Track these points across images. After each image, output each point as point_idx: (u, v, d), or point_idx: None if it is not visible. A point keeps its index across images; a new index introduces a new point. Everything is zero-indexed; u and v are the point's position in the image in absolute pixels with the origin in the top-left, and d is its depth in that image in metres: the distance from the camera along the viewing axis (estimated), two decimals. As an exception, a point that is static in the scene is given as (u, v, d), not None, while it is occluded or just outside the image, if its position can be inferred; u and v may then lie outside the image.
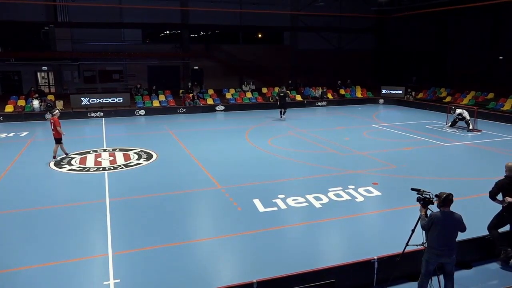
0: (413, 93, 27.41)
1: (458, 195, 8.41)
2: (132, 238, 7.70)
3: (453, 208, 5.45)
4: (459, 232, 5.46)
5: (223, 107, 24.94)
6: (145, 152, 14.19)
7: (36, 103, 22.34)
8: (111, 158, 13.59)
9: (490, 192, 6.60)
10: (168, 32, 32.69)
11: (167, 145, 15.45)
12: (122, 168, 12.45)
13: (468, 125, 17.92)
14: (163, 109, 24.04)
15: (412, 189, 5.80)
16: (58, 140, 13.25)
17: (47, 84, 29.82)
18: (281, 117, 21.67)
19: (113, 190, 10.37)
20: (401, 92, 27.82)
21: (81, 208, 9.23)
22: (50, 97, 23.90)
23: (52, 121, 13.13)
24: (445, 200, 5.33)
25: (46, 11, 27.37)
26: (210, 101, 25.63)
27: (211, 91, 27.10)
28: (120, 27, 29.16)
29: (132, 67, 30.52)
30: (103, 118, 22.36)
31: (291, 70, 32.33)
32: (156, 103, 24.64)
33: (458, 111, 18.32)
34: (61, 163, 12.89)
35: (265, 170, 12.18)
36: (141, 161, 13.20)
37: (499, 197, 6.62)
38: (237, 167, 12.58)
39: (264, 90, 28.30)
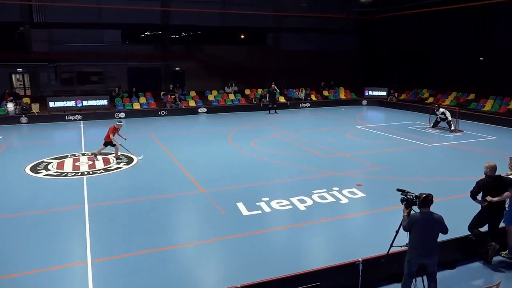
0: (396, 94, 27.78)
1: (441, 195, 8.51)
2: (112, 245, 7.45)
3: (435, 208, 5.44)
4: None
5: (205, 109, 24.70)
6: (125, 156, 13.87)
7: (10, 106, 21.67)
8: (90, 162, 13.24)
9: (471, 192, 6.67)
10: (148, 33, 32.25)
11: (148, 149, 15.13)
12: (102, 172, 12.13)
13: (450, 126, 18.20)
14: (144, 112, 23.66)
15: (398, 189, 5.82)
16: (106, 143, 13.23)
17: (22, 86, 28.95)
18: (269, 112, 23.70)
19: (92, 195, 10.07)
20: (384, 93, 28.16)
21: (59, 215, 8.92)
22: (26, 100, 23.23)
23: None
24: (424, 200, 5.30)
25: (21, 11, 26.55)
26: (192, 103, 25.36)
27: (193, 93, 26.85)
28: (99, 28, 28.57)
29: (111, 68, 29.93)
30: (82, 121, 21.85)
31: (274, 72, 32.31)
32: (136, 106, 24.24)
33: (442, 110, 18.63)
34: (37, 168, 12.48)
35: (248, 173, 12.06)
36: (121, 165, 12.90)
37: (479, 196, 6.70)
38: (220, 170, 12.42)
39: (247, 91, 28.19)
